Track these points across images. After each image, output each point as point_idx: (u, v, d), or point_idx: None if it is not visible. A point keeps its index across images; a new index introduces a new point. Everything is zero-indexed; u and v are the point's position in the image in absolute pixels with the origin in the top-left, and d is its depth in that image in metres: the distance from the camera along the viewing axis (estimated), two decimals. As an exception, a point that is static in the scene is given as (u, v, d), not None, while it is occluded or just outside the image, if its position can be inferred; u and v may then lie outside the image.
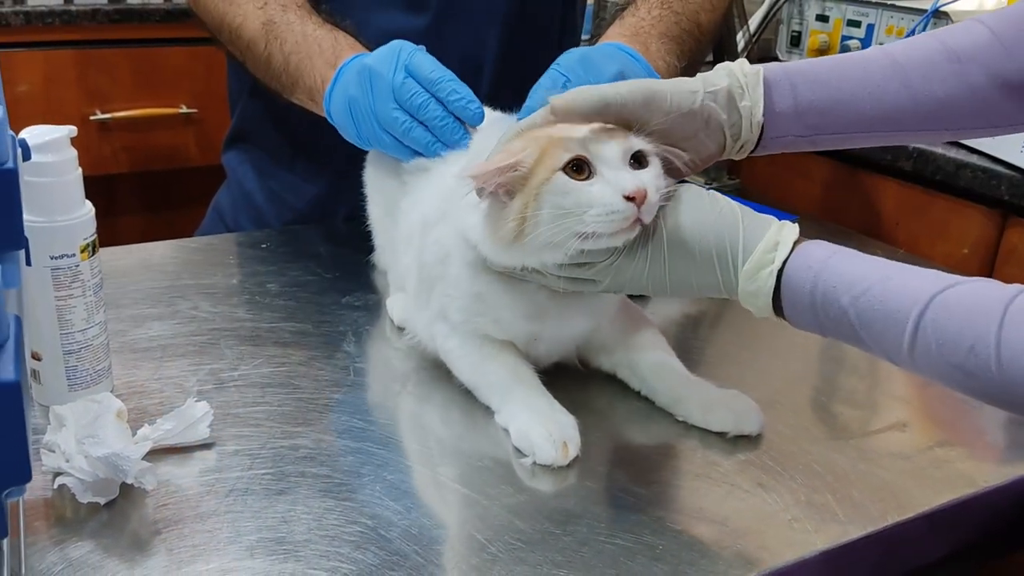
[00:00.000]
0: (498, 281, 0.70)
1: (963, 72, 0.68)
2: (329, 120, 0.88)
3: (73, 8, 1.73)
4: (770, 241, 0.61)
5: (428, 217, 0.75)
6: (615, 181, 0.63)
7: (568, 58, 0.76)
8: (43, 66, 1.72)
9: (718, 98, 0.68)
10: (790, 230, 0.62)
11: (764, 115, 0.69)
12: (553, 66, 0.76)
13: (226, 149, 1.20)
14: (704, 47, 0.94)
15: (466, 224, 0.69)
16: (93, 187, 0.68)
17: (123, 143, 1.80)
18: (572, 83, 0.74)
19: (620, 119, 0.67)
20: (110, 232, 1.80)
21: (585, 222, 0.62)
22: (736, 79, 0.69)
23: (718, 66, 0.70)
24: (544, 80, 0.75)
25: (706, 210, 0.63)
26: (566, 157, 0.63)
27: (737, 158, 0.72)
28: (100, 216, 0.69)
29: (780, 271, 0.61)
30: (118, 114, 1.77)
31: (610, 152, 0.64)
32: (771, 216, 0.64)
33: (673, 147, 0.68)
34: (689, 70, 0.89)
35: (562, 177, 0.63)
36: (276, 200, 1.13)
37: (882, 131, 0.71)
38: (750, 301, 0.63)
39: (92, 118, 1.75)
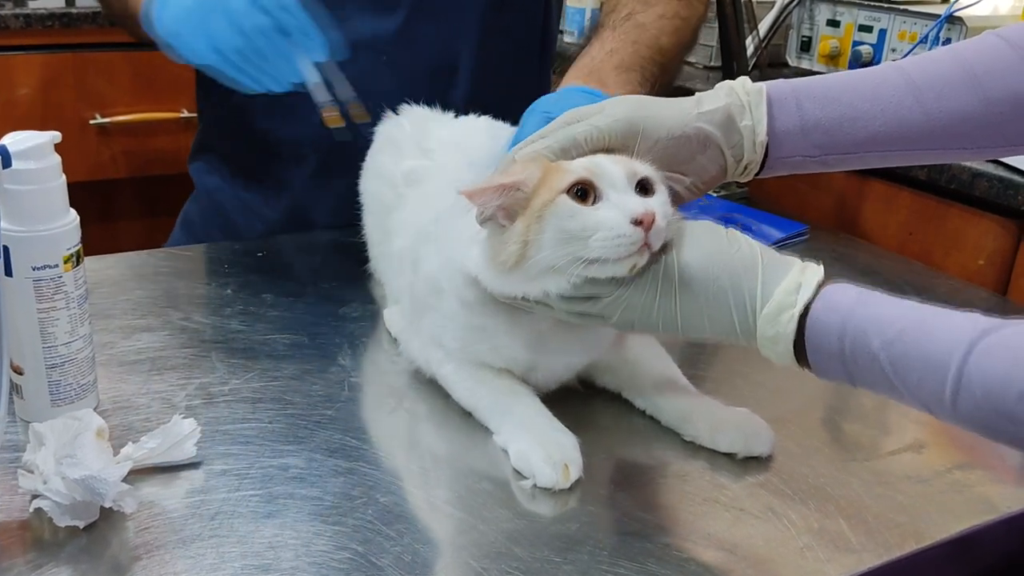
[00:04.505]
0: (498, 312, 0.67)
1: (980, 87, 0.65)
2: (156, 25, 0.84)
3: (73, 11, 1.72)
4: (792, 282, 0.57)
5: (419, 238, 0.73)
6: (622, 205, 0.59)
7: (544, 102, 0.73)
8: (42, 70, 1.71)
9: (715, 119, 0.65)
10: (813, 271, 0.58)
11: (768, 134, 0.66)
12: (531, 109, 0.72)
13: (192, 159, 1.17)
14: (672, 69, 0.92)
15: (464, 257, 0.66)
16: (92, 192, 0.66)
17: (122, 147, 1.78)
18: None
19: (602, 150, 0.64)
20: (109, 237, 1.78)
21: (590, 247, 0.59)
22: (736, 98, 0.66)
23: (718, 85, 0.67)
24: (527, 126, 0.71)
25: (723, 248, 0.60)
26: (570, 180, 0.60)
27: (743, 180, 0.69)
28: (99, 221, 0.67)
29: (803, 316, 0.57)
30: (118, 118, 1.75)
31: (615, 176, 0.61)
32: (794, 258, 0.60)
33: (672, 172, 0.65)
34: (661, 93, 0.87)
35: (567, 200, 0.60)
36: (247, 211, 1.10)
37: (895, 150, 0.67)
38: (769, 348, 0.58)
39: (91, 122, 1.73)
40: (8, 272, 0.64)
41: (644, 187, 0.62)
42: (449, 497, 0.63)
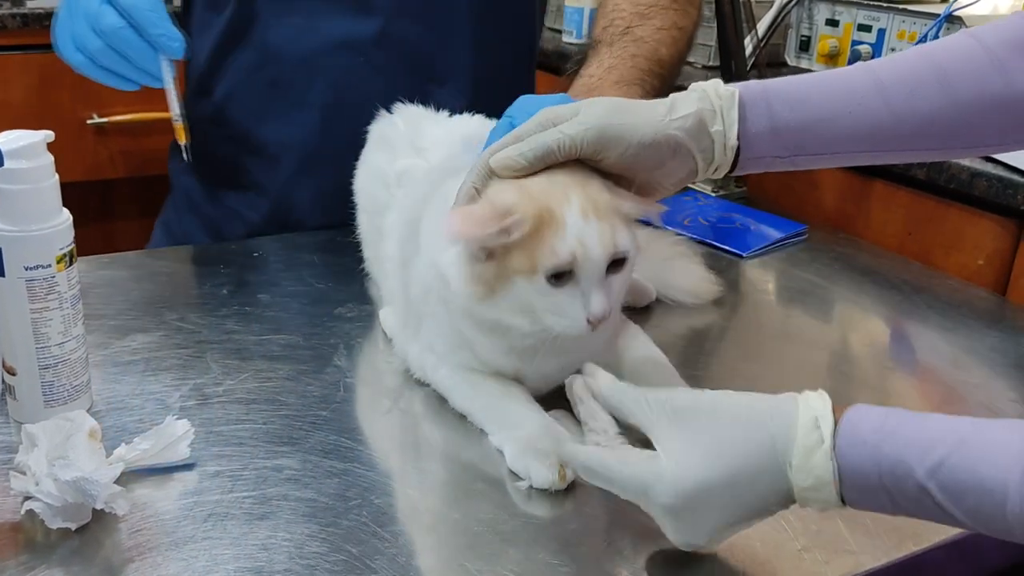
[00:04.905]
0: (480, 325, 0.67)
1: (950, 89, 0.64)
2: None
3: (71, 11, 1.71)
4: (807, 418, 0.52)
5: (410, 241, 0.73)
6: (587, 301, 0.62)
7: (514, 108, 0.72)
8: (40, 69, 1.70)
9: (686, 125, 0.64)
10: (820, 399, 0.53)
11: (739, 137, 0.65)
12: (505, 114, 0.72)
13: (172, 156, 1.15)
14: (671, 79, 0.92)
15: (443, 267, 0.66)
16: (89, 191, 0.66)
17: (120, 147, 1.78)
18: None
19: (572, 158, 0.64)
20: (107, 237, 1.77)
21: (547, 320, 0.63)
22: (709, 102, 0.65)
23: (691, 87, 0.66)
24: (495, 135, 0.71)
25: (718, 435, 0.54)
26: (556, 265, 0.61)
27: (714, 177, 0.69)
28: (96, 221, 0.66)
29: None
30: (115, 118, 1.74)
31: (596, 263, 0.62)
32: (786, 394, 0.55)
33: (642, 175, 0.65)
34: (649, 97, 0.86)
35: (542, 281, 0.62)
36: (227, 212, 1.08)
37: (864, 150, 0.67)
38: (812, 498, 0.52)
39: (89, 122, 1.73)
40: (0, 272, 0.63)
41: (617, 260, 0.63)
42: (444, 498, 0.63)
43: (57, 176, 0.65)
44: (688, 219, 1.13)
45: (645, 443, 0.57)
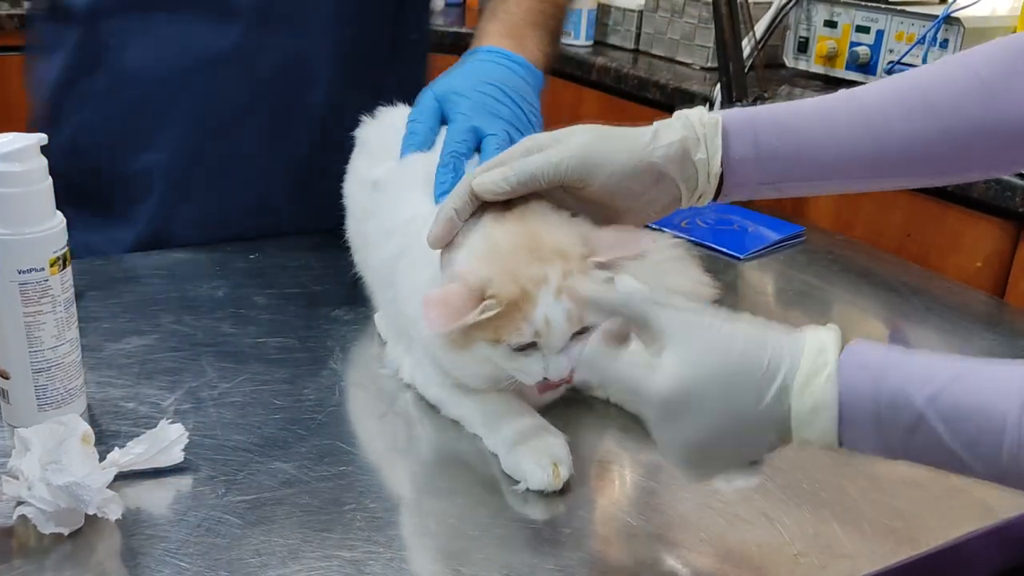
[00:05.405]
0: (464, 360, 0.67)
1: (937, 115, 0.64)
2: None
3: (68, 12, 1.71)
4: (814, 344, 0.51)
5: (391, 262, 0.74)
6: (547, 364, 0.63)
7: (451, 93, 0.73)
8: (37, 71, 1.70)
9: (670, 153, 0.64)
10: (830, 329, 0.52)
11: (723, 164, 0.65)
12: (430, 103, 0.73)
13: None
14: (563, 22, 0.93)
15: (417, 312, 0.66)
16: None
17: (117, 149, 1.78)
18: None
19: (555, 185, 0.64)
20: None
21: (508, 372, 0.65)
22: (692, 130, 0.65)
23: (676, 114, 0.66)
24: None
25: (724, 345, 0.52)
26: (517, 343, 0.62)
27: (699, 205, 0.69)
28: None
29: None
30: (113, 120, 1.74)
31: (560, 333, 0.62)
32: (802, 328, 0.54)
33: (626, 203, 0.65)
34: (553, 46, 0.88)
35: (506, 349, 0.63)
36: (95, 242, 1.00)
37: (853, 177, 0.67)
38: (807, 424, 0.51)
39: (86, 124, 1.73)
40: (-7, 275, 0.63)
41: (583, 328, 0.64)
42: (440, 503, 0.63)
43: (51, 179, 0.64)
44: (685, 221, 1.12)
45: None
